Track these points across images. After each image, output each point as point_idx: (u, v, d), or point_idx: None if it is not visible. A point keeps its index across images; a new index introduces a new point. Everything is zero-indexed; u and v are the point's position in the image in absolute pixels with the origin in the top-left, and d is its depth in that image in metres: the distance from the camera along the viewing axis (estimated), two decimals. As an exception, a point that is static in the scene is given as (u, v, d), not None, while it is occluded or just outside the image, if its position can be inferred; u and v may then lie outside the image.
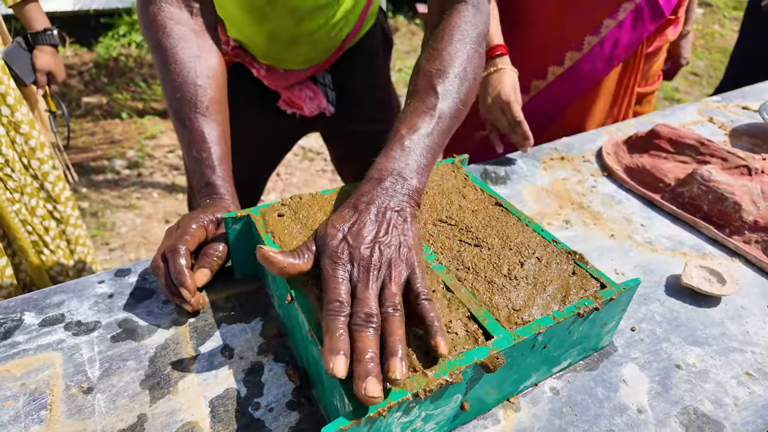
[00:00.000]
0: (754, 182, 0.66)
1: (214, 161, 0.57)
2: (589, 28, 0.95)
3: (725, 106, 1.07)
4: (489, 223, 0.52)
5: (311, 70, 0.87)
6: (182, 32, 0.60)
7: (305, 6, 0.75)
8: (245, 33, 0.80)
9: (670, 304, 0.55)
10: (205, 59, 0.60)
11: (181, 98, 0.59)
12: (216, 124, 0.59)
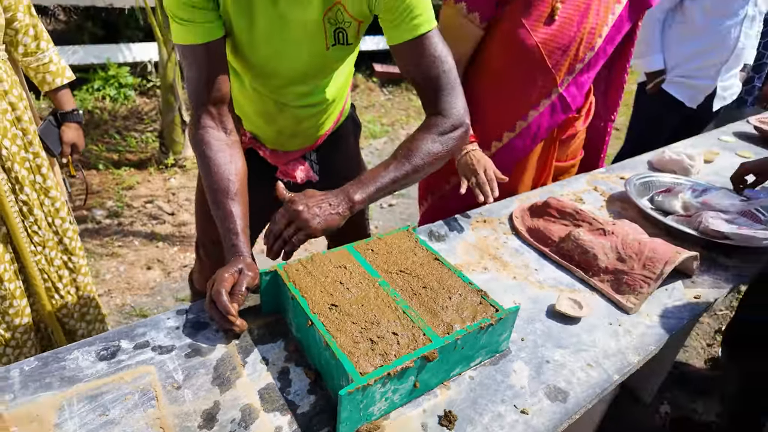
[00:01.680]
0: (607, 240, 1.00)
1: (239, 231, 0.84)
2: (519, 116, 1.29)
3: (608, 176, 1.45)
4: (430, 272, 0.81)
5: (303, 151, 1.16)
6: (219, 146, 0.88)
7: (305, 113, 1.05)
8: (259, 129, 1.09)
9: (547, 323, 0.86)
10: (234, 164, 0.88)
11: (217, 189, 0.86)
12: (240, 206, 0.86)
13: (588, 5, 1.15)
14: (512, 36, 1.15)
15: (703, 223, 1.10)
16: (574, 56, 1.18)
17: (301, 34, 0.89)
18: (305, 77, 0.98)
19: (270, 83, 0.97)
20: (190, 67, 0.86)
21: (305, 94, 1.01)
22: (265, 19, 0.86)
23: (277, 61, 0.92)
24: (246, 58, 0.93)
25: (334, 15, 0.89)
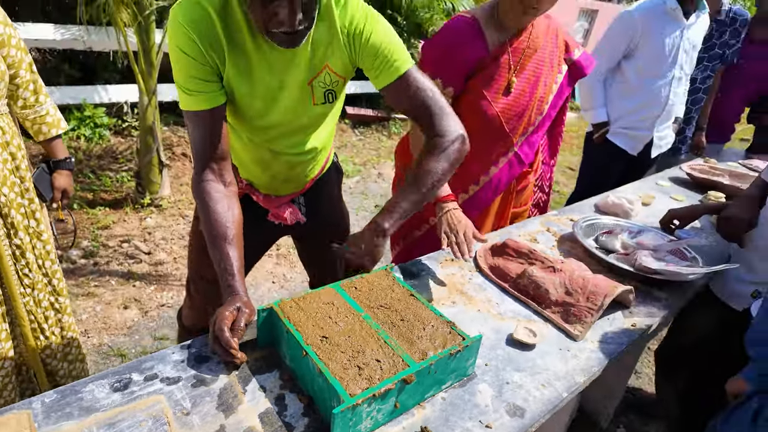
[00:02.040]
0: (556, 276, 1.16)
1: (235, 272, 0.94)
2: (483, 172, 1.47)
3: (559, 218, 1.63)
4: (407, 306, 0.94)
5: (292, 196, 1.29)
6: (219, 196, 0.99)
7: (297, 160, 1.18)
8: (254, 176, 1.22)
9: (507, 350, 0.99)
10: (231, 211, 0.99)
11: (216, 234, 0.97)
12: (236, 249, 0.97)
13: (537, 77, 1.35)
14: (476, 106, 1.34)
15: (638, 260, 1.27)
16: (527, 121, 1.38)
17: (295, 95, 1.04)
18: (298, 130, 1.12)
19: (265, 135, 1.11)
20: (196, 129, 0.99)
21: (297, 144, 1.15)
22: (263, 85, 1.01)
23: (272, 118, 1.06)
24: (244, 116, 1.06)
25: (323, 78, 1.04)
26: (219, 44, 0.94)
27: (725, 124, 2.72)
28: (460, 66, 1.33)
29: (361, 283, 1.00)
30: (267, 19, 0.87)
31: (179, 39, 0.92)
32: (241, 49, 0.96)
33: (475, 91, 1.33)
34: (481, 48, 1.31)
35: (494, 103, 1.33)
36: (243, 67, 0.98)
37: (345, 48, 1.02)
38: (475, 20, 1.32)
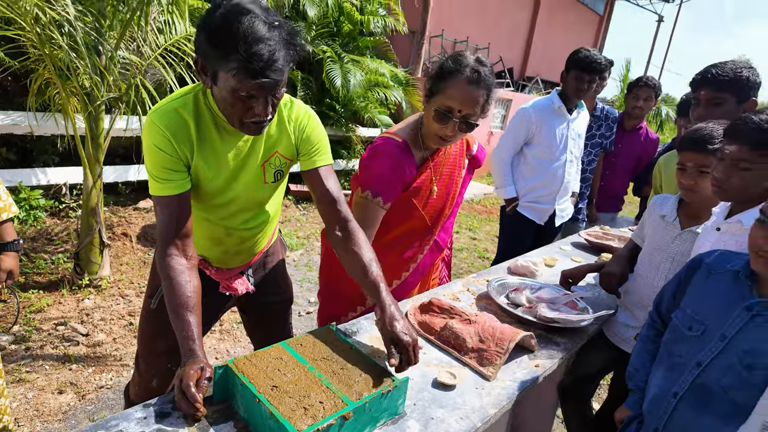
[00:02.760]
0: (471, 327, 1.38)
1: (195, 337, 1.08)
2: (412, 260, 1.71)
3: (478, 280, 1.89)
4: (346, 357, 1.11)
5: (242, 268, 1.45)
6: (181, 269, 1.15)
7: (248, 234, 1.37)
8: (208, 251, 1.38)
9: (432, 391, 1.17)
10: (192, 283, 1.15)
11: (178, 303, 1.11)
12: (196, 317, 1.11)
13: (451, 178, 1.66)
14: (407, 211, 1.60)
15: (538, 312, 1.53)
16: (445, 213, 1.67)
17: (251, 175, 1.26)
18: (251, 206, 1.33)
19: (222, 212, 1.30)
20: (163, 212, 1.16)
21: (249, 219, 1.35)
22: (226, 168, 1.22)
23: (230, 195, 1.27)
24: (205, 196, 1.25)
25: (273, 161, 1.29)
26: (190, 141, 1.16)
27: (616, 197, 3.24)
28: (399, 185, 1.55)
29: (305, 340, 1.16)
30: (244, 112, 1.09)
31: (156, 138, 1.12)
32: (208, 141, 1.19)
33: (406, 200, 1.59)
34: (412, 167, 1.57)
35: (421, 208, 1.61)
36: (210, 156, 1.20)
37: (291, 137, 1.28)
38: (405, 143, 1.55)
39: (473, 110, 1.43)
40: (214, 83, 1.08)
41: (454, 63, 1.44)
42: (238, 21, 0.99)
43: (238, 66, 1.00)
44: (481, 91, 1.42)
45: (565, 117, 2.64)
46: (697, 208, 1.55)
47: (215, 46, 1.02)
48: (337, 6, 5.91)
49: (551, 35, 12.27)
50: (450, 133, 1.46)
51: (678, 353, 1.14)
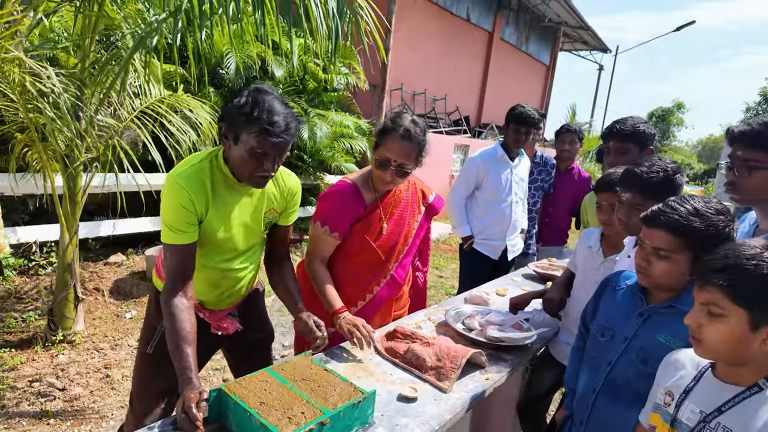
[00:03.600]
0: (430, 349, 1.60)
1: (193, 367, 1.26)
2: (368, 291, 1.93)
3: (438, 310, 2.12)
4: (322, 378, 1.30)
5: (230, 309, 1.64)
6: (182, 308, 1.34)
7: (241, 275, 1.57)
8: (203, 295, 1.56)
9: (398, 404, 1.37)
10: (190, 320, 1.33)
11: (179, 337, 1.29)
12: (193, 349, 1.29)
13: (402, 220, 1.92)
14: (360, 245, 1.84)
15: (488, 333, 1.77)
16: (399, 251, 1.91)
17: (251, 226, 1.52)
18: (246, 251, 1.57)
19: (222, 257, 1.52)
20: (174, 257, 1.37)
21: (243, 261, 1.58)
22: (233, 221, 1.48)
23: (233, 244, 1.51)
24: (210, 245, 1.47)
25: (268, 214, 1.57)
26: (207, 199, 1.41)
27: (560, 231, 3.59)
28: (346, 218, 1.82)
29: (286, 366, 1.35)
30: (255, 168, 1.37)
31: (181, 198, 1.36)
32: (220, 197, 1.44)
33: (358, 234, 1.85)
34: (360, 205, 1.84)
35: (372, 242, 1.86)
36: (221, 210, 1.45)
37: (284, 199, 1.60)
38: (354, 185, 1.85)
39: (406, 161, 1.74)
40: (234, 143, 1.37)
41: (392, 122, 1.76)
42: (262, 98, 1.34)
43: (260, 129, 1.32)
44: (413, 145, 1.73)
45: (508, 164, 2.99)
46: (616, 240, 1.86)
47: (243, 114, 1.33)
48: (302, 66, 6.33)
49: (503, 85, 13.24)
50: (389, 178, 1.77)
51: (595, 356, 1.40)
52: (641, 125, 2.09)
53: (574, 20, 13.83)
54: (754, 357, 0.90)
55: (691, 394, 1.00)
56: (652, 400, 1.14)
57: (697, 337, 0.94)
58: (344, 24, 2.79)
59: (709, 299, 0.90)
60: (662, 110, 24.89)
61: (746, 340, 0.88)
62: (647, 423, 1.13)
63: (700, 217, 1.13)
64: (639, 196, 1.50)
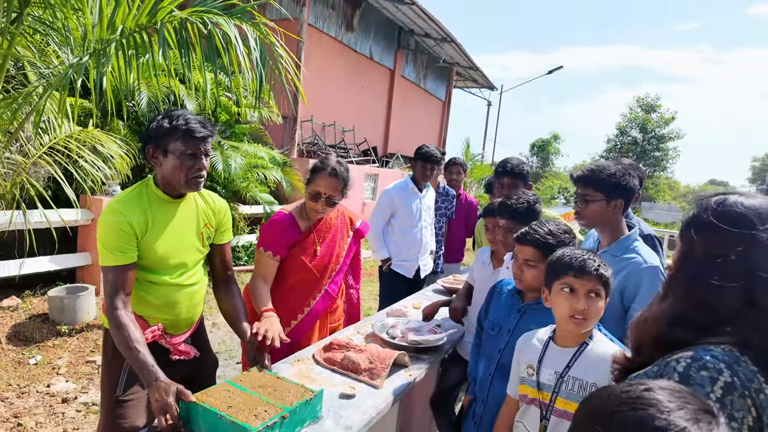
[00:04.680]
0: (363, 354, 1.89)
1: (154, 362, 1.43)
2: (306, 304, 2.19)
3: (365, 324, 2.42)
4: (277, 384, 1.54)
5: (185, 336, 1.79)
6: (129, 318, 1.51)
7: (193, 290, 1.75)
8: (164, 314, 1.70)
9: (340, 401, 1.64)
10: (139, 329, 1.50)
11: (135, 340, 1.46)
12: (148, 350, 1.46)
13: (333, 243, 2.23)
14: (297, 265, 2.12)
15: (409, 338, 2.12)
16: (331, 269, 2.22)
17: (191, 240, 1.73)
18: (192, 265, 1.76)
19: (170, 274, 1.69)
20: (115, 277, 1.53)
21: (192, 276, 1.76)
22: (173, 235, 1.66)
23: (179, 259, 1.69)
24: (159, 261, 1.64)
25: (206, 230, 1.78)
26: (146, 219, 1.60)
27: (458, 251, 4.13)
28: (285, 243, 2.11)
29: (243, 377, 1.56)
30: (189, 169, 1.60)
31: (119, 221, 1.55)
32: (159, 215, 1.64)
33: (296, 256, 2.13)
34: (296, 231, 2.15)
35: (308, 263, 2.15)
36: (161, 228, 1.64)
37: (214, 217, 1.81)
38: (291, 215, 2.16)
39: (334, 193, 2.09)
40: (165, 157, 1.60)
41: (321, 162, 2.13)
42: (176, 113, 1.61)
43: (183, 132, 1.58)
44: (339, 181, 2.09)
45: (418, 194, 3.45)
46: (502, 255, 2.33)
47: (164, 129, 1.58)
48: (214, 99, 6.40)
49: (405, 117, 14.23)
50: (320, 208, 2.11)
51: (489, 347, 1.80)
52: (525, 166, 2.67)
53: (465, 62, 15.40)
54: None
55: (544, 361, 1.42)
56: (517, 375, 1.54)
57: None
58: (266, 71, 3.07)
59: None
60: (542, 141, 28.21)
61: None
62: (516, 394, 1.52)
63: (553, 236, 1.60)
64: (511, 221, 1.98)
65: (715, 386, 0.79)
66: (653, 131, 27.25)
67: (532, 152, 28.26)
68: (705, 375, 0.80)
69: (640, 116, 27.54)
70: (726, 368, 0.81)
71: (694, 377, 0.81)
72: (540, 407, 1.42)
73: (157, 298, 1.68)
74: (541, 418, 1.41)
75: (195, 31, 2.75)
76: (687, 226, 0.97)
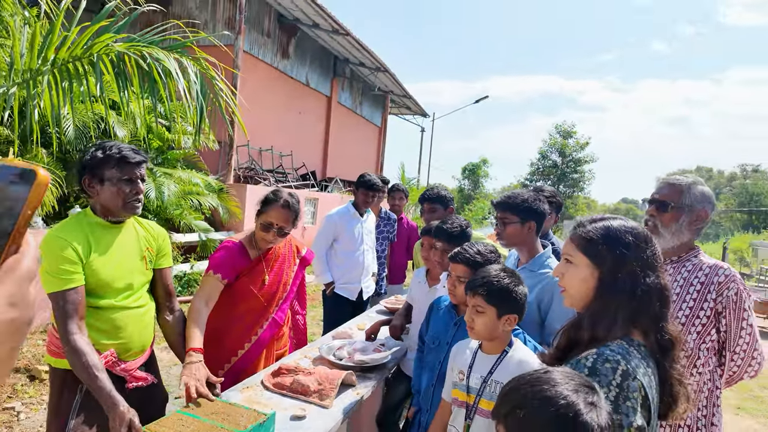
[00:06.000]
0: (312, 377, 1.97)
1: (113, 387, 1.44)
2: (253, 333, 2.23)
3: (312, 348, 2.49)
4: (229, 410, 1.58)
5: (139, 363, 1.78)
6: (86, 342, 1.51)
7: (141, 312, 1.76)
8: (115, 339, 1.68)
9: (292, 422, 1.70)
10: (96, 353, 1.50)
11: (93, 365, 1.46)
12: (107, 375, 1.47)
13: (281, 271, 2.31)
14: (245, 293, 2.17)
15: (356, 358, 2.22)
16: (278, 298, 2.28)
17: (135, 263, 1.76)
18: (138, 287, 1.77)
19: (117, 297, 1.69)
20: (67, 302, 1.52)
21: (139, 299, 1.77)
22: (116, 258, 1.68)
23: (125, 281, 1.71)
24: (105, 285, 1.65)
25: (147, 254, 1.82)
26: (88, 241, 1.62)
27: (400, 272, 4.32)
28: (232, 269, 2.15)
29: (196, 405, 1.59)
30: (125, 194, 1.65)
31: (61, 245, 1.56)
32: (101, 240, 1.66)
33: (243, 285, 2.18)
34: (245, 259, 2.20)
35: (256, 291, 2.21)
36: (104, 251, 1.65)
37: (154, 242, 1.86)
38: (240, 243, 2.21)
39: (285, 225, 2.18)
40: (101, 185, 1.66)
41: (273, 194, 2.21)
42: (108, 144, 1.71)
43: (118, 159, 1.65)
44: (291, 213, 2.18)
45: (359, 219, 3.60)
46: (435, 273, 2.52)
47: (98, 159, 1.64)
48: (146, 125, 6.22)
49: (343, 143, 14.49)
50: (271, 239, 2.18)
51: (430, 360, 1.96)
52: (443, 192, 2.93)
53: (399, 90, 16.05)
54: (500, 334, 1.54)
55: (473, 367, 1.59)
56: (450, 380, 1.70)
57: (472, 326, 1.55)
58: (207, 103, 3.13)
59: (476, 303, 1.53)
60: (472, 165, 29.73)
61: (495, 325, 1.52)
62: (450, 398, 1.68)
63: (480, 255, 1.81)
64: (446, 243, 2.19)
65: (615, 375, 0.99)
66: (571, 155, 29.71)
67: (463, 175, 29.66)
68: (608, 366, 1.00)
69: (558, 141, 29.95)
70: (622, 359, 1.01)
71: (600, 369, 1.01)
72: (465, 408, 1.59)
73: (103, 323, 1.67)
74: (465, 418, 1.58)
75: (133, 63, 2.76)
76: (593, 246, 1.17)
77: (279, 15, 10.86)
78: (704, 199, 1.75)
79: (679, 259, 1.78)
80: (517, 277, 1.57)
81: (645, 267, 1.10)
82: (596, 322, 1.11)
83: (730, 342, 1.66)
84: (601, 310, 1.11)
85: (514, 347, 1.56)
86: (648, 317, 1.09)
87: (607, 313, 1.10)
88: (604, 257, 1.12)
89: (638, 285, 1.09)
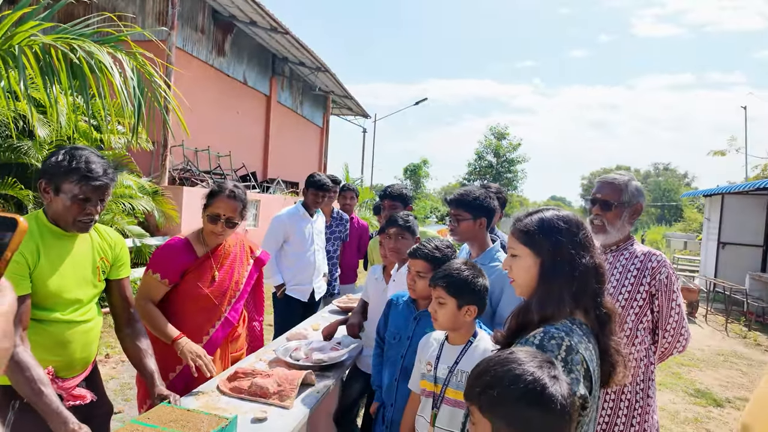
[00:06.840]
0: (271, 379, 1.94)
1: (60, 403, 1.35)
2: (205, 332, 2.15)
3: (267, 351, 2.45)
4: (187, 415, 1.53)
5: (79, 380, 1.66)
6: (29, 354, 1.39)
7: (86, 327, 1.64)
8: (56, 356, 1.56)
9: (253, 425, 1.68)
10: (39, 367, 1.39)
11: (35, 380, 1.36)
12: (53, 391, 1.37)
13: (232, 270, 2.25)
14: (193, 291, 2.10)
15: (314, 357, 2.22)
16: (230, 296, 2.22)
17: (88, 273, 1.65)
18: (86, 301, 1.66)
19: (63, 310, 1.58)
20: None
21: (86, 313, 1.66)
22: (67, 269, 1.56)
23: (72, 294, 1.59)
24: (50, 296, 1.52)
25: (101, 264, 1.71)
26: (37, 247, 1.50)
27: (352, 272, 4.33)
28: (177, 267, 2.09)
29: (150, 414, 1.52)
30: (77, 213, 1.53)
31: None
32: (51, 248, 1.55)
33: (191, 282, 2.11)
34: (190, 256, 2.13)
35: (205, 289, 2.14)
36: (54, 260, 1.54)
37: (110, 251, 1.76)
38: (186, 239, 2.15)
39: (233, 215, 2.14)
40: (55, 195, 1.54)
41: (218, 186, 2.18)
42: (78, 152, 1.55)
43: (80, 176, 1.53)
44: (237, 203, 2.15)
45: (309, 219, 3.58)
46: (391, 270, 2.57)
47: (62, 167, 1.52)
48: (71, 125, 5.75)
49: (284, 143, 14.21)
50: (220, 230, 2.13)
51: (392, 355, 2.00)
52: (404, 190, 2.99)
53: (340, 90, 16.02)
54: (463, 325, 1.62)
55: (440, 358, 1.66)
56: (418, 371, 1.77)
57: (435, 317, 1.61)
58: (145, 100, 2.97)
59: (438, 295, 1.59)
60: (413, 165, 30.33)
61: (456, 315, 1.59)
62: (418, 389, 1.74)
63: (438, 250, 1.87)
64: (398, 229, 2.25)
65: (560, 350, 1.08)
66: (504, 156, 31.17)
67: (405, 176, 30.16)
68: (554, 342, 1.09)
69: (493, 143, 31.32)
70: (566, 336, 1.11)
71: (546, 345, 1.10)
72: (432, 398, 1.65)
73: (47, 338, 1.55)
74: (432, 407, 1.64)
75: (60, 56, 2.57)
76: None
77: (214, 11, 10.46)
78: (639, 194, 1.94)
79: (618, 248, 1.96)
80: (478, 271, 1.64)
81: (579, 249, 1.21)
82: (544, 305, 1.20)
83: (662, 321, 1.85)
84: (546, 293, 1.20)
85: (478, 337, 1.63)
86: (587, 295, 1.20)
87: (552, 295, 1.19)
88: (542, 245, 1.22)
89: (576, 266, 1.19)
